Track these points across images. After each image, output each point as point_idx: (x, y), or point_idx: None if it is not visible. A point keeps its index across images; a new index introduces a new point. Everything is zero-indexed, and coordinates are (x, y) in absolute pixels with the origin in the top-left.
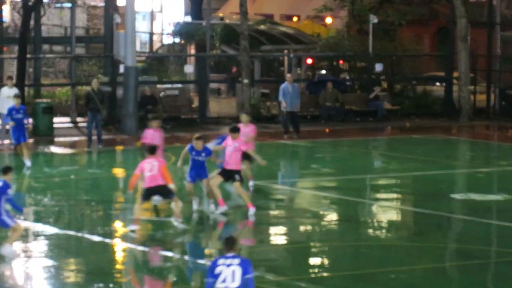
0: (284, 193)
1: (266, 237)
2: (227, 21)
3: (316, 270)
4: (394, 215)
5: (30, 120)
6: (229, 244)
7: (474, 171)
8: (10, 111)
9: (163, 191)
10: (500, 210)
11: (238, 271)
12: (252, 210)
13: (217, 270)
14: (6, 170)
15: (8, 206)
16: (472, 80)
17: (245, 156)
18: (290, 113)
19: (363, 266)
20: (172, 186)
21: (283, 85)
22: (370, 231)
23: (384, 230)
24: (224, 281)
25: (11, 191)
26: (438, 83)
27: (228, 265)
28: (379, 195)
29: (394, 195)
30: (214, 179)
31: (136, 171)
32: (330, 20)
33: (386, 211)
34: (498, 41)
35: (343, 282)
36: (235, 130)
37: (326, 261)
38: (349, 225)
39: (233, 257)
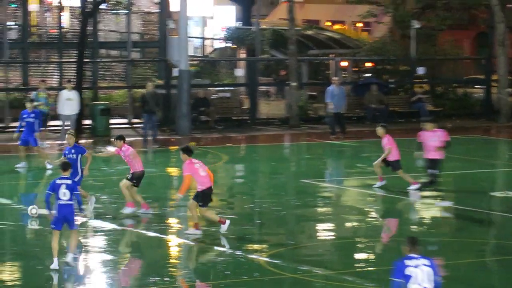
0: (331, 191)
1: (314, 233)
2: (276, 27)
3: (361, 265)
4: (436, 212)
5: (41, 128)
6: (414, 244)
7: None
8: (22, 114)
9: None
10: None
11: (430, 271)
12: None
13: (407, 271)
14: (66, 166)
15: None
16: (510, 83)
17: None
18: (337, 114)
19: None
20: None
21: (330, 88)
22: (414, 227)
23: (426, 226)
24: (417, 282)
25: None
26: (478, 86)
27: (416, 266)
28: (422, 193)
29: (437, 193)
30: (124, 181)
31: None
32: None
33: (429, 208)
34: None
35: (387, 276)
36: (119, 138)
37: (371, 256)
38: (393, 221)
39: (420, 257)
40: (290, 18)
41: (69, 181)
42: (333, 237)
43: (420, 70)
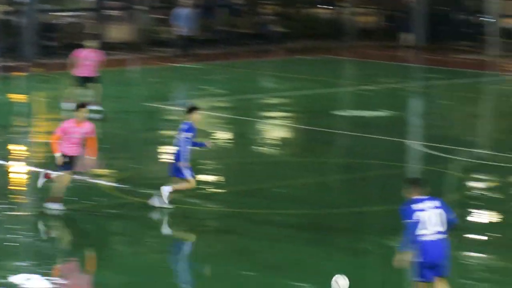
0: (176, 113)
1: (160, 156)
2: None
3: (208, 187)
4: (282, 133)
5: None
6: (416, 185)
7: (358, 89)
8: None
9: None
10: (382, 126)
11: (441, 212)
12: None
13: (415, 216)
14: (192, 109)
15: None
16: (358, 2)
17: None
18: (186, 37)
19: (251, 182)
20: None
21: (178, 10)
22: (260, 148)
23: (272, 147)
24: (427, 227)
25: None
26: (325, 7)
27: (424, 209)
28: (268, 114)
29: (283, 114)
30: None
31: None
32: None
33: (275, 129)
34: None
35: (232, 197)
36: None
37: (218, 178)
38: (240, 143)
39: (427, 199)
40: None
41: None
42: None
43: None
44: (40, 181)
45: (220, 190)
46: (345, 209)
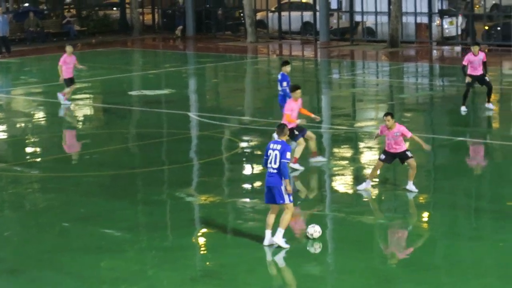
0: (2, 99)
1: None
2: None
3: (29, 157)
4: (88, 111)
5: None
6: (279, 130)
7: (146, 73)
8: None
9: None
10: (167, 101)
11: (278, 154)
12: None
13: (268, 152)
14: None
15: None
16: (140, 4)
17: None
18: (1, 37)
19: (64, 151)
20: None
21: None
22: (71, 123)
23: (80, 123)
24: (269, 162)
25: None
26: (115, 8)
27: (273, 149)
28: (75, 96)
29: (87, 96)
30: None
31: None
32: None
33: (82, 108)
34: None
35: (52, 164)
36: None
37: (38, 149)
38: (53, 120)
39: (279, 142)
40: None
41: None
42: (6, 136)
43: None
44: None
45: (39, 159)
46: (141, 169)
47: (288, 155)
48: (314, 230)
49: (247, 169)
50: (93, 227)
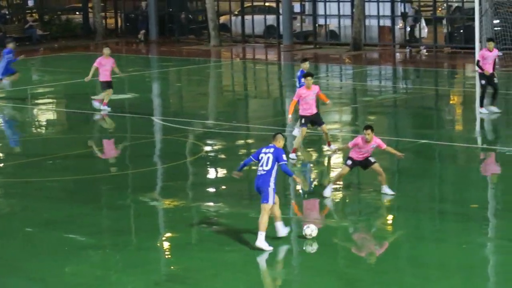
0: None
1: None
2: None
3: None
4: (51, 116)
5: None
6: (274, 138)
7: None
8: None
9: None
10: (131, 105)
11: (272, 157)
12: None
13: (260, 155)
14: None
15: None
16: (103, 8)
17: None
18: None
19: (27, 156)
20: None
21: None
22: (34, 128)
23: (43, 127)
24: (262, 165)
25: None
26: (77, 12)
27: (265, 153)
28: (38, 101)
29: (50, 100)
30: None
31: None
32: None
33: (45, 113)
34: None
35: (14, 169)
36: None
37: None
38: (17, 125)
39: (272, 147)
40: None
41: None
42: None
43: (30, 2)
44: None
45: (1, 164)
46: (105, 173)
47: (284, 157)
48: (311, 230)
49: (211, 173)
50: (57, 232)
